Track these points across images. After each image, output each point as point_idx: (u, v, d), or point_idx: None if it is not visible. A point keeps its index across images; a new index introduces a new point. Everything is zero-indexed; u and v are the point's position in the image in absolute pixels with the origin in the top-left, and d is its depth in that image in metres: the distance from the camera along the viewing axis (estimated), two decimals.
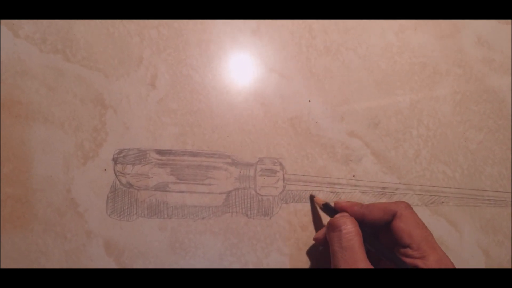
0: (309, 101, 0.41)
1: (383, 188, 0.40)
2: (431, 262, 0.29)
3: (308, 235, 0.38)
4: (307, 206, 0.39)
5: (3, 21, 0.39)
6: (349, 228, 0.31)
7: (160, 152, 0.39)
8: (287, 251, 0.38)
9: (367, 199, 0.40)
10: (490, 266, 0.40)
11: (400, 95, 0.42)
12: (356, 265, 0.29)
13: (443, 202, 0.41)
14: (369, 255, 0.31)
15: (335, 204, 0.36)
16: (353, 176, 0.40)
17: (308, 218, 0.39)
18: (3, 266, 0.36)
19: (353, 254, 0.29)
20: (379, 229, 0.35)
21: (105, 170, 0.38)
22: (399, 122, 0.42)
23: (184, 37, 0.41)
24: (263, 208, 0.39)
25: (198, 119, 0.39)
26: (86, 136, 0.38)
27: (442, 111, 0.42)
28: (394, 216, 0.32)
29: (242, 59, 0.41)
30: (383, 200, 0.40)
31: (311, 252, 0.38)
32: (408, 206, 0.33)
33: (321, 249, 0.38)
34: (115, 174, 0.38)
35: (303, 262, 0.38)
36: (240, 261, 0.38)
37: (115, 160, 0.38)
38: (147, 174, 0.38)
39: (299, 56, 0.42)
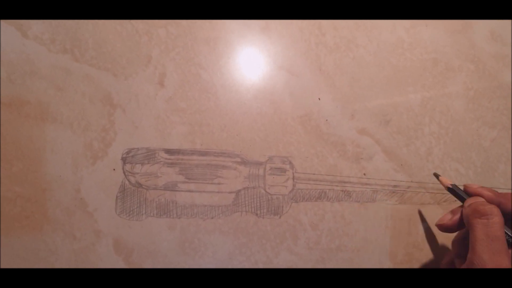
0: (319, 98, 0.40)
1: (394, 186, 0.40)
2: None
3: (318, 234, 0.38)
4: (317, 205, 0.39)
5: (12, 21, 0.39)
6: (497, 218, 0.31)
7: (169, 151, 0.38)
8: (297, 250, 0.38)
9: (378, 197, 0.39)
10: None
11: (412, 92, 0.41)
12: (500, 256, 0.29)
13: (456, 200, 0.40)
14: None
15: (465, 187, 0.35)
16: (364, 174, 0.40)
17: (318, 217, 0.38)
18: (12, 265, 0.36)
19: (500, 245, 0.29)
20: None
21: (114, 169, 0.38)
22: (411, 119, 0.41)
23: (192, 36, 0.41)
24: (272, 207, 0.38)
25: (207, 118, 0.39)
26: (95, 136, 0.38)
27: (455, 107, 0.42)
28: None
29: (251, 57, 0.41)
30: (395, 198, 0.40)
31: (319, 252, 0.38)
32: None
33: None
34: (124, 173, 0.38)
35: (313, 262, 0.38)
36: (249, 260, 0.37)
37: (124, 160, 0.38)
38: (156, 173, 0.38)
39: (309, 53, 0.41)
